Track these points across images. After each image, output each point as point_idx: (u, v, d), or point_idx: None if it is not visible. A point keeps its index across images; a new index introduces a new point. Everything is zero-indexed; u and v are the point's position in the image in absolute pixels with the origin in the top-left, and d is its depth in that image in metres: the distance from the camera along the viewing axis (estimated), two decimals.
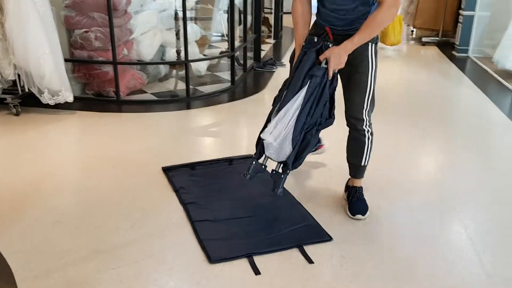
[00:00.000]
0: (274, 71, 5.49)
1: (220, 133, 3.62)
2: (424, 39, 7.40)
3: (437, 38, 7.34)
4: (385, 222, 2.35)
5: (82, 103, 4.10)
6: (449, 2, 7.00)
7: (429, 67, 6.04)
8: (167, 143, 3.35)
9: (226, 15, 7.34)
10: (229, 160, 2.96)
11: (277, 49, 7.19)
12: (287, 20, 9.81)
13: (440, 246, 2.16)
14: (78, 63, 4.24)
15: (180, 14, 4.50)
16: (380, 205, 2.46)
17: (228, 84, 4.84)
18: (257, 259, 2.01)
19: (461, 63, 6.16)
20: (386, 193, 2.62)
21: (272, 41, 7.62)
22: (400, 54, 6.92)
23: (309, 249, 2.08)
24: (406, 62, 6.55)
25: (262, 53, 6.23)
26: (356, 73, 2.22)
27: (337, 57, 2.08)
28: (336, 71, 2.15)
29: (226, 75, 5.29)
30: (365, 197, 2.42)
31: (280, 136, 2.16)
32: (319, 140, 2.81)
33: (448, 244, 2.18)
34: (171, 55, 5.04)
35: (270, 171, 2.28)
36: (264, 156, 2.29)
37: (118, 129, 3.62)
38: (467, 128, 3.85)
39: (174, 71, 4.85)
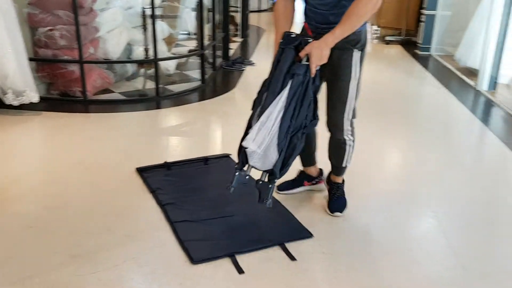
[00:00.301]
0: (243, 70, 5.47)
1: (193, 133, 3.58)
2: (387, 38, 7.56)
3: (401, 37, 7.51)
4: (362, 218, 2.38)
5: (47, 104, 3.96)
6: (411, 2, 7.18)
7: (393, 65, 6.17)
8: (139, 144, 3.29)
9: (193, 13, 7.28)
10: (205, 160, 2.93)
11: (244, 47, 7.17)
12: (253, 19, 9.83)
13: (416, 240, 2.21)
14: (43, 62, 4.10)
15: (147, 11, 4.42)
16: (354, 202, 2.48)
17: (198, 83, 4.80)
18: (240, 258, 1.99)
19: (424, 61, 6.33)
20: (360, 190, 2.66)
21: (239, 39, 7.60)
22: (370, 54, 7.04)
23: (291, 246, 2.09)
24: (370, 60, 6.64)
25: (230, 52, 6.21)
26: (338, 80, 2.15)
27: (318, 51, 1.97)
28: (319, 67, 2.03)
29: (195, 73, 5.24)
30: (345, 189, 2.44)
31: (264, 143, 2.02)
32: (319, 174, 2.59)
33: (423, 238, 2.24)
34: (138, 53, 4.94)
35: (255, 182, 2.13)
36: (247, 165, 2.12)
37: (87, 130, 3.52)
38: (433, 124, 3.95)
39: (142, 70, 4.76)
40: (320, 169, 2.60)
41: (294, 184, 2.57)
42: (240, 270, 1.92)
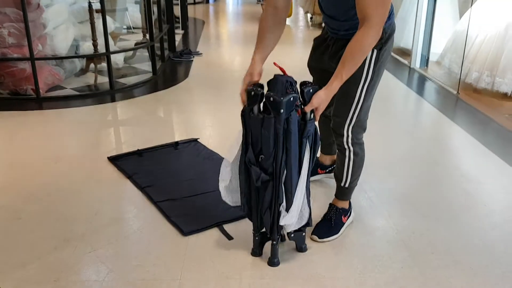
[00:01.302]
0: (192, 60, 5.58)
1: (155, 121, 3.67)
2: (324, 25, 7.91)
3: None
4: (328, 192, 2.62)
5: None
6: None
7: None
8: (102, 136, 3.35)
9: (136, 7, 7.26)
10: (174, 144, 3.05)
11: (186, 39, 7.25)
12: (190, 11, 9.87)
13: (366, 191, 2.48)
14: None
15: (94, 6, 4.42)
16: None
17: (150, 75, 4.86)
18: (227, 227, 2.17)
19: None
20: None
21: (180, 31, 7.66)
22: (304, 39, 7.35)
23: None
24: (307, 46, 6.98)
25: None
26: (346, 80, 1.77)
27: (325, 103, 1.74)
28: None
29: (144, 66, 5.29)
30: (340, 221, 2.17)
31: (298, 210, 1.83)
32: (333, 163, 2.52)
33: (372, 190, 2.51)
34: (85, 48, 4.92)
35: (286, 235, 2.00)
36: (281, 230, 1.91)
37: (46, 126, 3.52)
38: (375, 97, 4.28)
39: (92, 65, 4.75)
40: (334, 160, 2.43)
41: None
42: (229, 237, 2.09)
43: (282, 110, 1.66)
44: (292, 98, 1.68)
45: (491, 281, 1.83)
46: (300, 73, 1.94)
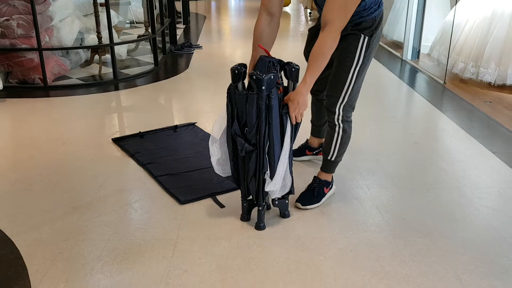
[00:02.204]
0: (192, 53, 5.80)
1: (156, 107, 3.89)
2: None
3: None
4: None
5: (8, 92, 4.15)
6: None
7: None
8: (106, 120, 3.57)
9: (138, 1, 7.47)
10: (174, 127, 3.28)
11: (187, 33, 7.47)
12: (192, 6, 10.09)
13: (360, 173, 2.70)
14: (0, 52, 4.24)
15: (98, 0, 4.64)
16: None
17: (151, 66, 5.09)
18: (220, 197, 2.39)
19: None
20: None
21: (181, 26, 7.89)
22: (303, 34, 7.55)
23: None
24: (305, 39, 7.18)
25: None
26: (339, 64, 2.09)
27: (295, 103, 1.95)
28: (300, 115, 2.00)
29: (146, 58, 5.52)
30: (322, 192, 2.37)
31: (281, 179, 2.03)
32: (320, 146, 2.75)
33: (364, 170, 2.73)
34: (89, 41, 5.14)
35: (271, 202, 2.22)
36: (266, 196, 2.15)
37: (53, 112, 3.75)
38: (367, 88, 4.50)
39: (96, 56, 4.97)
40: (322, 143, 2.70)
41: (296, 153, 2.80)
42: (221, 205, 2.32)
43: (263, 87, 1.88)
44: (272, 76, 1.89)
45: (455, 241, 2.05)
46: (299, 62, 2.15)
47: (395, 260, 1.93)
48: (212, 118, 3.58)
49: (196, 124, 3.38)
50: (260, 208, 2.11)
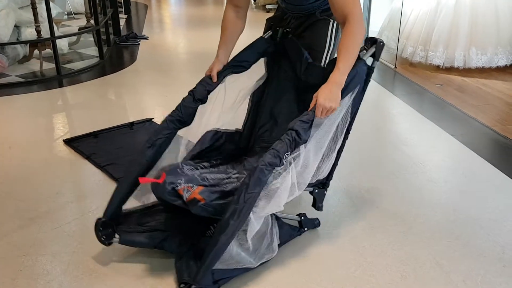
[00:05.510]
0: (138, 44, 5.57)
1: (105, 104, 3.69)
2: (268, 6, 8.06)
3: None
4: None
5: None
6: None
7: None
8: (54, 120, 3.35)
9: None
10: (130, 125, 3.11)
11: (129, 23, 7.19)
12: None
13: None
14: None
15: None
16: None
17: (97, 60, 4.83)
18: None
19: None
20: None
21: (124, 16, 7.57)
22: (249, 20, 7.46)
23: None
24: (253, 28, 7.11)
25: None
26: (312, 50, 2.02)
27: (326, 91, 1.75)
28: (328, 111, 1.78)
29: (89, 51, 5.24)
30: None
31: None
32: None
33: None
34: (27, 34, 4.80)
35: (312, 190, 2.08)
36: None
37: None
38: None
39: (36, 51, 4.65)
40: None
41: None
42: None
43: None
44: None
45: (430, 227, 2.07)
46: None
47: (375, 250, 1.92)
48: (167, 111, 3.42)
49: (153, 120, 3.22)
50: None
